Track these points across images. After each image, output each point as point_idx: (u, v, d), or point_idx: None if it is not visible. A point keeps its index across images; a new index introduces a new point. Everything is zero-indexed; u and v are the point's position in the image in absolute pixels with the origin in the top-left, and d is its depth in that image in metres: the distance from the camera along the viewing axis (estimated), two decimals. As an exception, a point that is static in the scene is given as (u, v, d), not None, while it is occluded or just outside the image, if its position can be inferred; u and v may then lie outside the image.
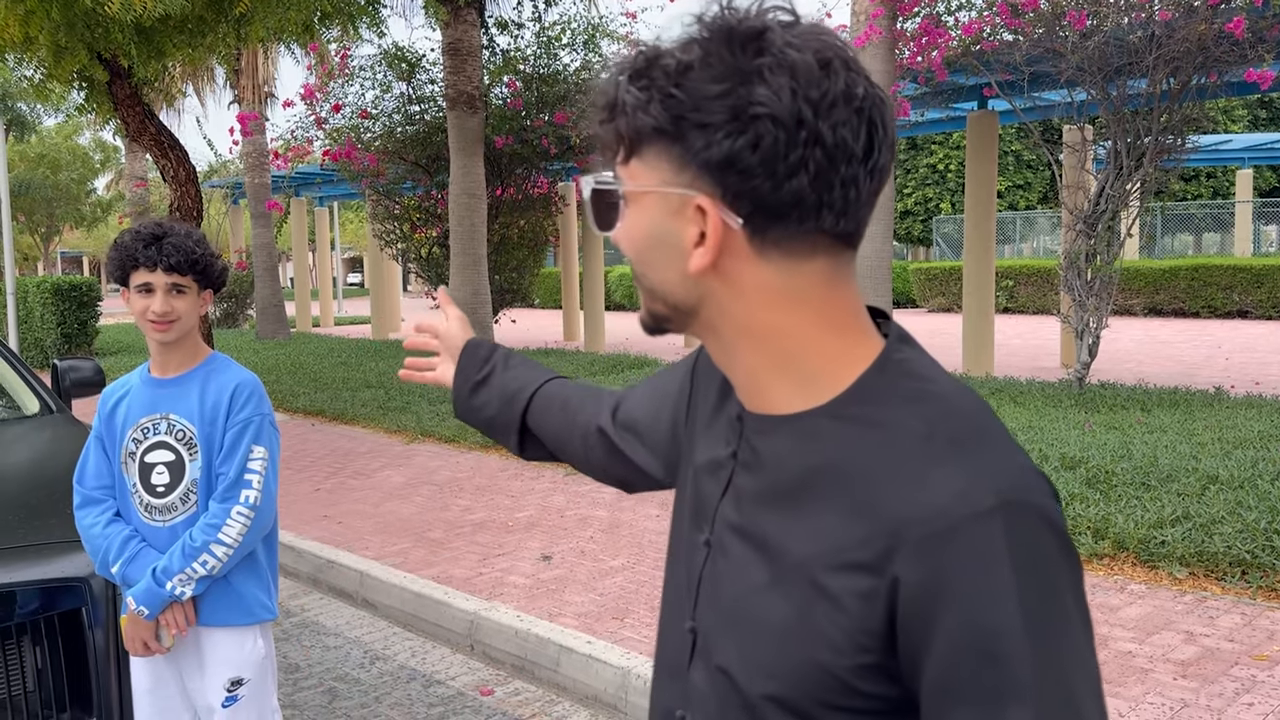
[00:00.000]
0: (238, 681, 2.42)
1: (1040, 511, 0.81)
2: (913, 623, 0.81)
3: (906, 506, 0.82)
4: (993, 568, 0.78)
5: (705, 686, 0.97)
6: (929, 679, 0.81)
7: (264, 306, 19.94)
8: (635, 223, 0.92)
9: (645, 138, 0.88)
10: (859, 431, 0.88)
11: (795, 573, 0.88)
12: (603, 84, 0.92)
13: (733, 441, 1.00)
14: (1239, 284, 19.29)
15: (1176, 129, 8.38)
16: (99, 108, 9.64)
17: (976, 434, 0.85)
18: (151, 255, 2.29)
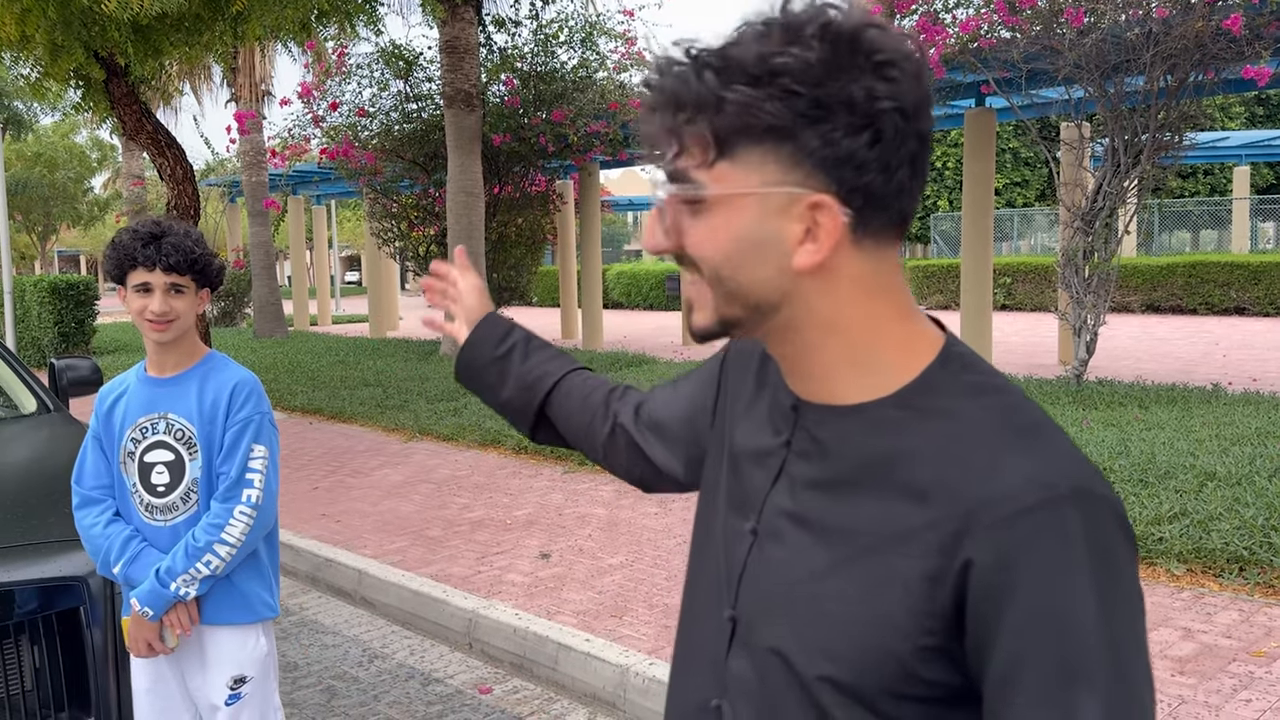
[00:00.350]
0: (241, 679, 2.42)
1: (1109, 502, 0.84)
2: (983, 604, 0.82)
3: (980, 490, 0.84)
4: (1067, 552, 0.80)
5: (749, 673, 0.98)
6: (997, 658, 0.82)
7: (261, 305, 19.93)
8: (724, 226, 0.90)
9: (746, 137, 0.87)
10: (928, 421, 0.90)
11: (861, 556, 0.90)
12: (673, 83, 0.88)
13: (784, 431, 1.01)
14: (1236, 281, 19.31)
15: (1174, 126, 8.39)
16: (96, 106, 9.63)
17: (1040, 427, 0.88)
18: (150, 255, 2.28)
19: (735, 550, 1.03)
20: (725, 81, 0.85)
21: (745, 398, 1.11)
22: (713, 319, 0.95)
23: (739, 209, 0.90)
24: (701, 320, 0.95)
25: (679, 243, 0.94)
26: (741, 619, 1.00)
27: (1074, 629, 0.80)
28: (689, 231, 0.92)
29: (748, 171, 0.88)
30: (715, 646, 1.03)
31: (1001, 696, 0.82)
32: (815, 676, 0.91)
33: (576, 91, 14.81)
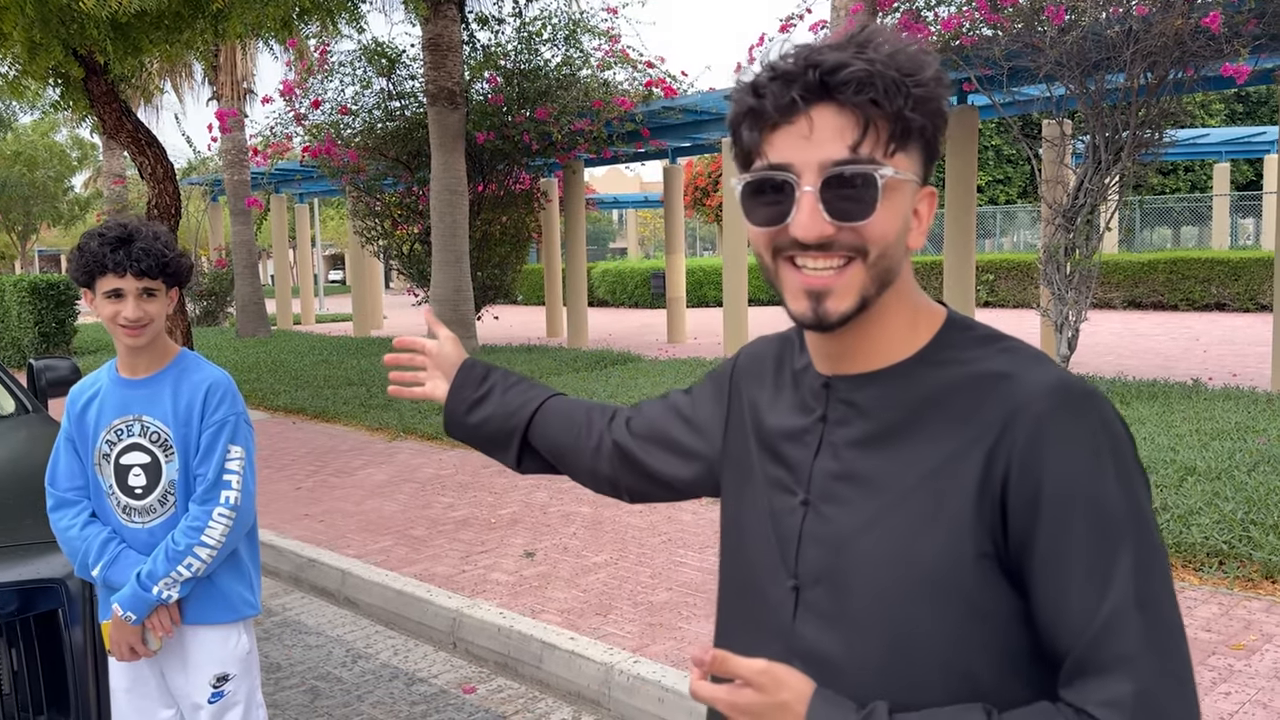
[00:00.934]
0: (224, 678, 2.42)
1: (1111, 405, 1.02)
2: (1024, 486, 0.98)
3: (1011, 400, 1.01)
4: (1088, 437, 0.98)
5: (819, 631, 1.08)
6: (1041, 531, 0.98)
7: (244, 304, 19.82)
8: (895, 210, 1.03)
9: (918, 132, 1.02)
10: (952, 368, 1.07)
11: (919, 487, 1.04)
12: (869, 72, 0.97)
13: (817, 407, 1.15)
14: (1217, 277, 19.44)
15: (1154, 123, 8.43)
16: (75, 104, 9.55)
17: (1043, 355, 1.06)
18: (120, 260, 2.25)
19: (786, 525, 1.14)
20: (912, 79, 0.99)
21: (764, 397, 1.23)
22: (855, 302, 1.04)
23: (904, 194, 1.04)
24: (843, 305, 1.04)
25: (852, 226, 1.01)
26: (806, 584, 1.11)
27: (1104, 498, 0.97)
28: (871, 216, 1.01)
29: (910, 160, 1.04)
30: (778, 618, 1.13)
31: (1049, 561, 0.98)
32: (903, 599, 1.03)
33: (560, 89, 14.78)
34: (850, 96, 0.98)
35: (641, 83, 15.15)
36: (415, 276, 16.68)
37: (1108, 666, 0.95)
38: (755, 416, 1.23)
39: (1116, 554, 0.96)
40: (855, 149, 0.99)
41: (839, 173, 0.99)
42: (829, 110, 0.99)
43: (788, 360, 1.23)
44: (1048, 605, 0.99)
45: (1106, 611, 0.96)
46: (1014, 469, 0.99)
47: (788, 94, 0.99)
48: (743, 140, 1.05)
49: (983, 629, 1.02)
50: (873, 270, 1.03)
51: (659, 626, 4.17)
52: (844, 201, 1.00)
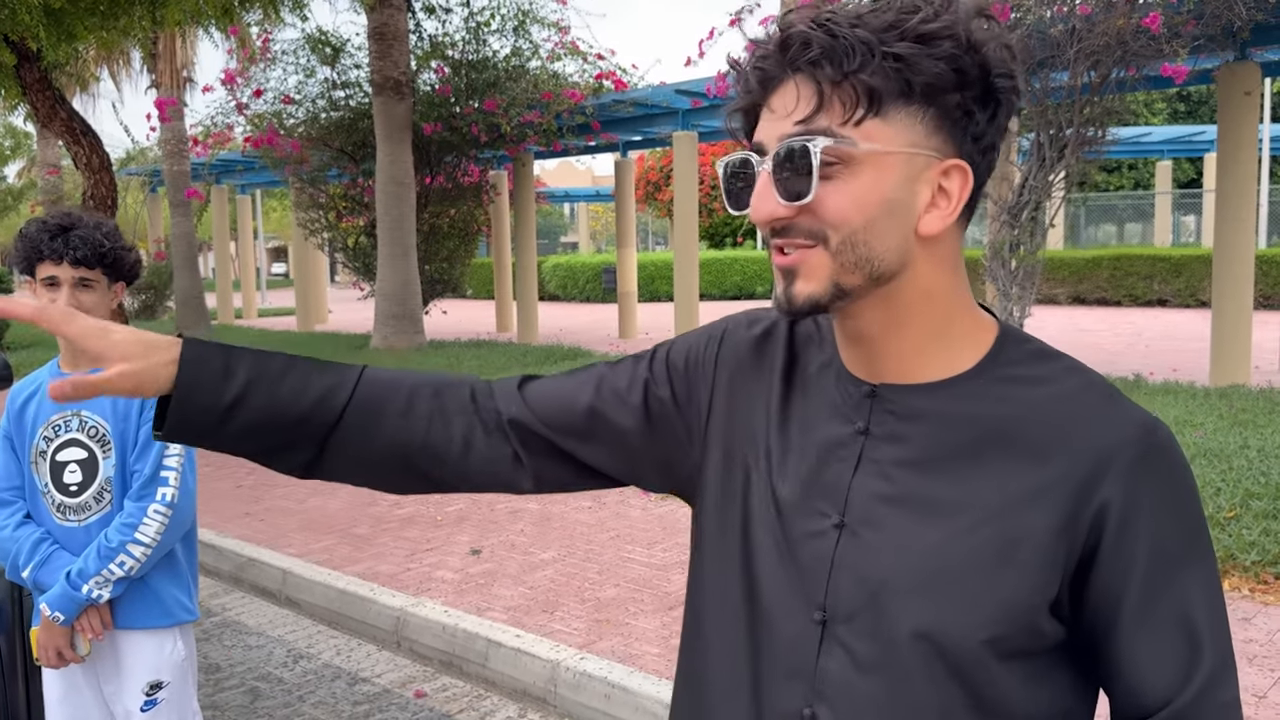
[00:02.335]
0: (157, 685, 2.36)
1: (1170, 433, 0.96)
2: (1119, 537, 0.92)
3: (1101, 441, 0.92)
4: (1175, 481, 0.93)
5: (849, 670, 0.97)
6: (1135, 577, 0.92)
7: (184, 298, 19.41)
8: (872, 186, 0.91)
9: (901, 96, 0.89)
10: (1019, 388, 0.97)
11: (986, 522, 0.93)
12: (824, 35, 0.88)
13: (858, 419, 1.00)
14: (1159, 273, 19.85)
15: (1097, 121, 8.57)
16: (6, 92, 9.30)
17: (1111, 385, 0.98)
18: (57, 248, 2.21)
19: (812, 549, 1.00)
20: (884, 39, 0.88)
21: (771, 397, 1.07)
22: (827, 289, 0.93)
23: (886, 169, 0.90)
24: (811, 289, 0.93)
25: (804, 207, 0.91)
26: (836, 618, 0.98)
27: (1195, 547, 0.94)
28: (827, 194, 0.90)
29: (898, 131, 0.90)
30: (798, 655, 0.99)
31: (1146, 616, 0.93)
32: (966, 646, 0.93)
33: (509, 80, 14.67)
34: (806, 65, 0.90)
35: (592, 75, 15.09)
36: (361, 270, 16.47)
37: (1213, 712, 0.93)
38: (754, 417, 1.08)
39: (1208, 603, 0.94)
40: (808, 121, 0.90)
41: (781, 148, 0.91)
42: (791, 83, 0.92)
43: (801, 354, 1.08)
44: (1140, 660, 0.93)
45: (1210, 664, 0.93)
46: (1109, 524, 0.92)
47: (758, 71, 0.94)
48: (732, 119, 0.98)
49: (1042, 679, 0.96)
50: (839, 258, 0.91)
51: (606, 623, 4.14)
52: (788, 179, 0.91)
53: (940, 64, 0.88)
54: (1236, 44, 9.06)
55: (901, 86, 0.89)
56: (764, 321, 1.13)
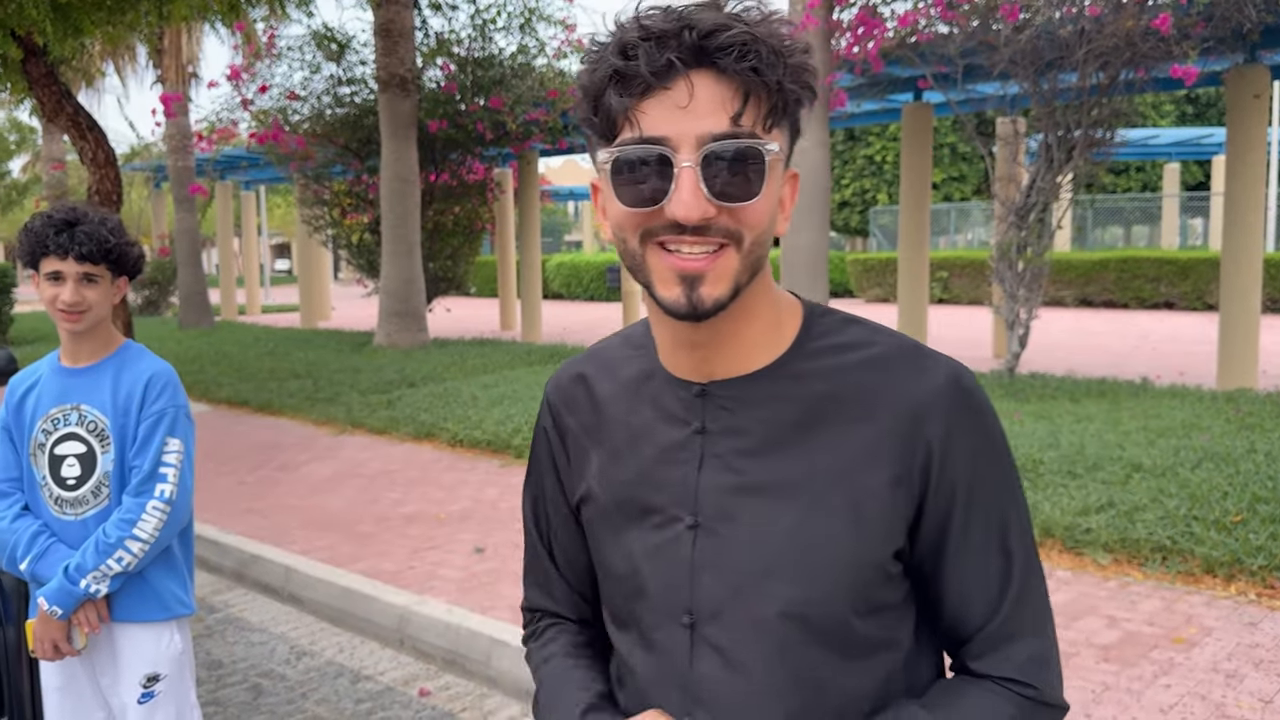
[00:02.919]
0: (154, 678, 2.37)
1: (972, 374, 1.05)
2: (944, 470, 1.00)
3: (919, 391, 1.00)
4: (983, 417, 1.03)
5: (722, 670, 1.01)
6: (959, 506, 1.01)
7: (187, 294, 19.43)
8: (774, 190, 0.97)
9: (793, 107, 0.95)
10: (834, 357, 1.03)
11: (830, 490, 0.99)
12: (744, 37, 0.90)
13: (693, 419, 1.04)
14: (1166, 276, 19.80)
15: (1105, 123, 8.54)
16: (13, 87, 9.29)
17: (914, 340, 1.06)
18: (62, 243, 2.22)
19: (671, 555, 1.03)
20: (789, 49, 0.92)
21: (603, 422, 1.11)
22: (730, 289, 0.95)
23: (777, 174, 0.97)
24: (719, 292, 0.95)
25: (730, 208, 0.93)
26: (703, 619, 1.02)
27: (1004, 482, 1.03)
28: (756, 197, 0.93)
29: (783, 138, 0.97)
30: (675, 662, 1.04)
31: (965, 547, 1.02)
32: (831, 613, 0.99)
33: (515, 78, 14.65)
34: (731, 63, 0.89)
35: (597, 74, 15.05)
36: (365, 267, 16.46)
37: (1024, 630, 1.03)
38: (592, 448, 1.12)
39: (1017, 526, 1.04)
40: (736, 121, 0.90)
41: (721, 148, 0.90)
42: (708, 77, 0.90)
43: (616, 377, 1.12)
44: (960, 585, 1.03)
45: (1019, 580, 1.03)
46: (934, 464, 0.99)
47: (662, 56, 0.89)
48: (608, 107, 0.92)
49: (891, 622, 1.03)
50: (747, 258, 0.95)
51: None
52: (726, 180, 0.91)
53: (812, 79, 0.95)
54: (1246, 46, 9.02)
55: (798, 98, 0.95)
56: (572, 368, 1.18)
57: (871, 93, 11.28)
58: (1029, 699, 1.02)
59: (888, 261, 23.83)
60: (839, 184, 32.76)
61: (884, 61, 9.56)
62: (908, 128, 11.69)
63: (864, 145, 32.27)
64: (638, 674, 1.08)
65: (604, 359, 1.15)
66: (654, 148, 0.91)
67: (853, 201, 32.86)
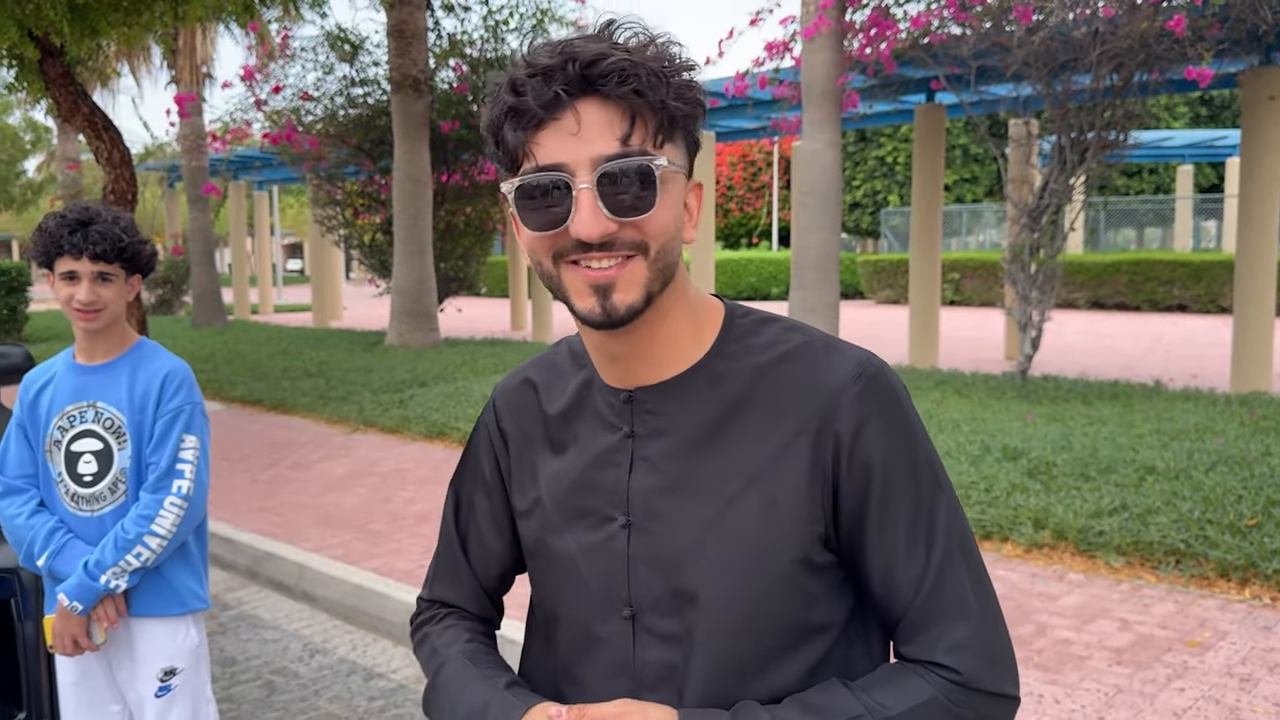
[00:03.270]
0: (171, 671, 2.39)
1: (888, 367, 1.09)
2: (853, 461, 1.04)
3: (828, 383, 1.05)
4: (893, 407, 1.06)
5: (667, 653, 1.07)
6: (873, 496, 1.04)
7: (201, 293, 19.52)
8: (671, 202, 1.02)
9: (683, 123, 1.01)
10: (750, 357, 1.09)
11: (749, 486, 1.05)
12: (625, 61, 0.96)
13: (623, 424, 1.11)
14: (1179, 278, 19.72)
15: (1119, 125, 8.51)
16: (29, 86, 9.34)
17: (826, 335, 1.11)
18: (77, 242, 2.24)
19: (607, 554, 1.10)
20: (672, 69, 0.98)
21: (545, 430, 1.18)
22: (642, 296, 1.01)
23: (676, 186, 1.02)
24: (631, 298, 1.00)
25: (632, 221, 0.99)
26: (642, 609, 1.08)
27: (918, 463, 1.06)
28: (652, 209, 0.99)
29: (678, 153, 1.02)
30: (617, 653, 1.10)
31: (883, 530, 1.05)
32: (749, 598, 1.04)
33: (481, 133, 14.66)
34: (614, 89, 0.95)
35: (609, 75, 15.07)
36: (376, 267, 16.50)
37: (945, 614, 1.04)
38: (537, 453, 1.18)
39: (935, 511, 1.06)
40: (625, 142, 0.97)
41: (614, 168, 0.96)
42: (593, 104, 0.97)
43: (561, 384, 1.19)
44: (883, 570, 1.05)
45: (937, 563, 1.04)
46: (843, 453, 1.03)
47: (550, 90, 0.96)
48: (507, 142, 1.00)
49: (821, 609, 1.07)
50: (654, 266, 1.01)
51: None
52: (622, 196, 0.97)
53: (698, 94, 1.01)
54: (1262, 48, 8.99)
55: (688, 115, 1.01)
56: (522, 373, 1.25)
57: (883, 94, 11.27)
58: (953, 684, 1.03)
59: (899, 263, 23.79)
60: (850, 185, 32.73)
61: (896, 63, 9.55)
62: (920, 129, 11.67)
63: (876, 146, 32.23)
64: (579, 673, 1.14)
65: (551, 366, 1.22)
66: (552, 174, 0.98)
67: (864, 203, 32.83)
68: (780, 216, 36.93)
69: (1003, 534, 4.91)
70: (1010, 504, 5.10)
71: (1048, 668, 3.60)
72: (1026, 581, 4.44)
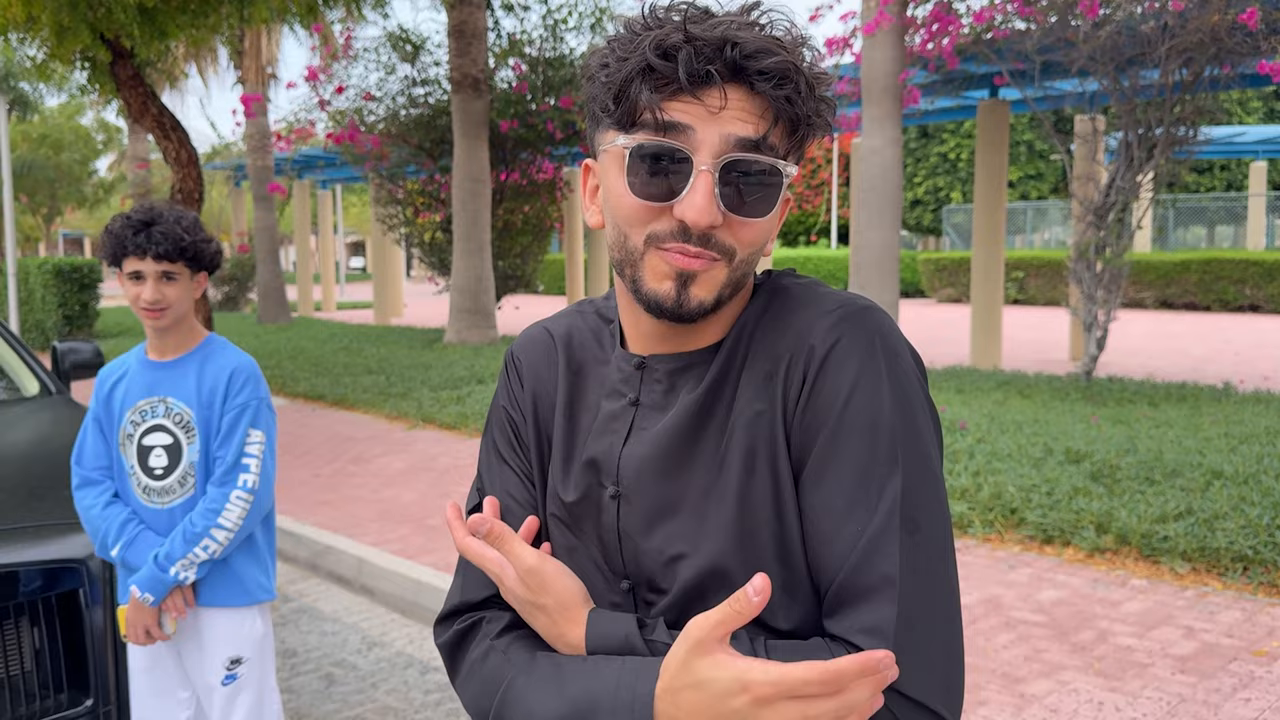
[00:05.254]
0: (237, 660, 2.44)
1: (890, 319, 0.99)
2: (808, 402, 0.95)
3: (800, 331, 0.98)
4: (867, 355, 0.95)
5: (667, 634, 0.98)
6: (817, 450, 0.94)
7: (265, 290, 19.91)
8: (777, 215, 0.98)
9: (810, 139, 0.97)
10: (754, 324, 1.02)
11: (734, 451, 0.97)
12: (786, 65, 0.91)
13: (630, 391, 1.05)
14: (1251, 278, 19.19)
15: (1188, 120, 8.32)
16: (101, 88, 9.60)
17: (822, 284, 1.03)
18: (140, 243, 2.29)
19: (604, 523, 1.04)
20: (821, 82, 0.94)
21: (566, 386, 1.11)
22: (715, 298, 0.96)
23: (784, 201, 0.98)
24: (706, 296, 0.95)
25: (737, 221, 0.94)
26: (640, 582, 1.02)
27: (877, 417, 0.93)
28: (765, 216, 0.95)
29: (794, 167, 0.96)
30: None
31: (819, 484, 0.93)
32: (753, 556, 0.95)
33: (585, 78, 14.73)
34: (769, 88, 0.90)
35: (667, 73, 15.08)
36: (436, 265, 16.69)
37: (871, 590, 0.89)
38: (551, 409, 1.11)
39: (888, 476, 0.92)
40: (762, 140, 0.92)
41: (743, 161, 0.91)
42: (739, 92, 0.91)
43: (584, 342, 1.12)
44: (815, 530, 0.93)
45: (872, 533, 0.90)
46: (802, 396, 0.95)
47: (703, 66, 0.90)
48: (636, 98, 0.92)
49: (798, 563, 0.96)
50: (734, 272, 0.96)
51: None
52: (742, 192, 0.92)
53: (833, 110, 0.96)
54: (1339, 41, 8.70)
55: (817, 129, 0.95)
56: (543, 328, 1.17)
57: (946, 90, 11.13)
58: None
59: (961, 261, 23.46)
60: (911, 182, 32.35)
61: (959, 58, 9.41)
62: (983, 125, 11.50)
63: (938, 142, 31.81)
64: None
65: (576, 324, 1.15)
66: (678, 146, 0.92)
67: (925, 200, 32.42)
68: (839, 214, 36.64)
69: (1064, 538, 4.83)
70: (1072, 508, 5.01)
71: (1109, 675, 3.54)
72: (1088, 587, 4.36)
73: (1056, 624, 3.98)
